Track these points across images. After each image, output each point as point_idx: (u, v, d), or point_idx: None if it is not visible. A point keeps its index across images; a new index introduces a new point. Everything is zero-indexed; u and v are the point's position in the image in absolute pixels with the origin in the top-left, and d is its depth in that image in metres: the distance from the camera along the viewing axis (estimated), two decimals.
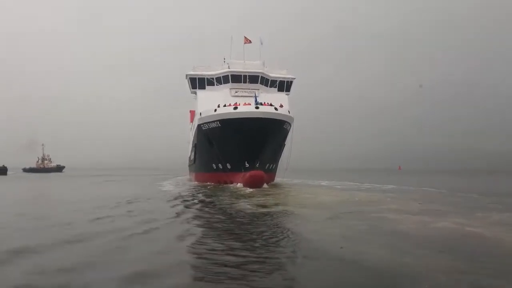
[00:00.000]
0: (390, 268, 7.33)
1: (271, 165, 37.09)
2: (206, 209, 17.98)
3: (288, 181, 43.93)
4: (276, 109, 32.00)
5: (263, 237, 10.59)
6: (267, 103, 33.53)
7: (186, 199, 22.93)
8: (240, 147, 31.62)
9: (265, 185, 30.88)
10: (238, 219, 14.12)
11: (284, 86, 41.50)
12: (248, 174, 30.58)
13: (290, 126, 35.78)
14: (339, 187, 35.12)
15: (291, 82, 42.07)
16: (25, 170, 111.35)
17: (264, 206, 18.03)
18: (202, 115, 35.22)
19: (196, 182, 41.55)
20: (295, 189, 30.79)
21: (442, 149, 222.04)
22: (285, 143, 38.41)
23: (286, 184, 37.32)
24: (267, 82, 40.18)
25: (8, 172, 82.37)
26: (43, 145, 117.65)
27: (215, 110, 33.31)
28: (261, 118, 30.45)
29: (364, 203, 19.69)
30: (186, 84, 41.98)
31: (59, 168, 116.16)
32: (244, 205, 18.25)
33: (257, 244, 9.63)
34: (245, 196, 23.84)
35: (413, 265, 7.53)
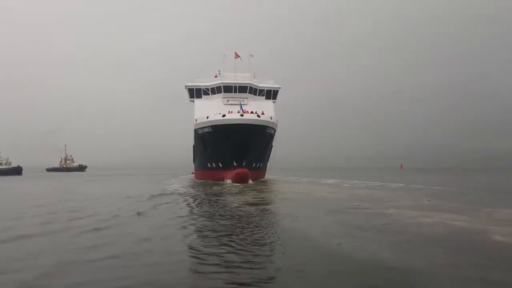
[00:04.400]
0: (389, 265, 7.05)
1: (258, 164, 41.10)
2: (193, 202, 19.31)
3: (288, 179, 46.26)
4: (258, 116, 36.35)
5: (251, 233, 10.35)
6: (250, 111, 37.74)
7: (176, 194, 24.54)
8: (228, 149, 35.99)
9: (250, 181, 34.65)
10: (223, 216, 13.84)
11: (271, 94, 46.06)
12: (234, 172, 34.77)
13: (274, 130, 40.12)
14: (346, 185, 34.32)
15: (277, 91, 46.61)
16: (48, 169, 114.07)
17: (252, 204, 17.89)
18: (198, 121, 39.85)
19: (196, 179, 46.05)
20: (284, 186, 32.28)
21: (441, 148, 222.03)
22: (272, 144, 43.02)
23: (277, 181, 40.07)
24: (255, 91, 44.68)
25: (32, 173, 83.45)
26: (65, 145, 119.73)
27: (207, 117, 37.79)
28: (245, 124, 34.84)
29: (372, 201, 19.04)
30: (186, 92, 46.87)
31: (81, 168, 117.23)
32: (229, 202, 18.58)
33: (246, 241, 9.29)
34: (220, 192, 25.16)
35: (419, 264, 7.13)
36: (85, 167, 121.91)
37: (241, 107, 37.14)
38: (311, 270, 7.04)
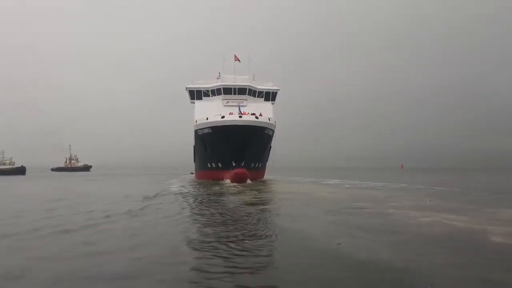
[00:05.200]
0: (390, 265, 6.92)
1: (257, 164, 40.84)
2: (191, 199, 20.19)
3: (288, 179, 45.82)
4: (256, 117, 36.23)
5: (248, 233, 10.08)
6: (249, 112, 37.59)
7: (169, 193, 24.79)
8: (227, 149, 35.81)
9: (248, 181, 34.43)
10: (219, 215, 13.87)
11: (269, 96, 45.94)
12: (233, 172, 34.53)
13: (273, 131, 39.85)
14: (347, 186, 33.29)
15: (276, 92, 46.49)
16: (53, 169, 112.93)
17: (250, 204, 17.64)
18: (198, 122, 39.75)
19: (196, 179, 45.77)
20: (283, 186, 31.99)
21: (441, 148, 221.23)
22: (271, 145, 42.76)
23: (277, 181, 39.62)
24: (254, 93, 44.62)
25: (37, 173, 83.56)
26: (70, 145, 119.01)
27: (207, 119, 37.64)
28: (243, 125, 34.70)
29: (373, 201, 18.64)
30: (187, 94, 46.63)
31: (86, 168, 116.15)
32: (228, 202, 18.43)
33: (243, 241, 9.03)
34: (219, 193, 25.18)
35: (419, 264, 6.99)
36: (90, 166, 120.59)
37: (239, 108, 36.95)
38: (310, 270, 6.86)
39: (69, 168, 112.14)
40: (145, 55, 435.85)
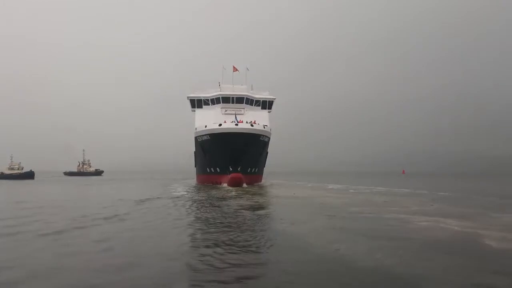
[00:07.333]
0: (389, 270, 6.90)
1: (253, 169, 42.72)
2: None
3: (286, 183, 47.15)
4: (252, 125, 38.14)
5: (242, 238, 10.03)
6: (245, 120, 39.62)
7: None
8: (225, 155, 37.77)
9: (244, 185, 36.22)
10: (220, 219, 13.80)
11: (266, 105, 48.04)
12: (229, 176, 36.51)
13: (268, 138, 41.81)
14: (352, 191, 32.87)
15: (272, 101, 48.55)
16: (65, 173, 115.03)
17: (245, 208, 17.61)
18: (197, 130, 41.94)
19: (197, 183, 47.64)
20: (280, 190, 32.87)
21: (441, 148, 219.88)
22: (268, 151, 44.69)
23: (275, 185, 41.09)
24: (251, 102, 46.70)
25: (50, 177, 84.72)
26: (83, 150, 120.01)
27: (206, 126, 39.68)
28: (239, 132, 36.62)
29: (373, 206, 18.55)
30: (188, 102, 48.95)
31: (98, 172, 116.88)
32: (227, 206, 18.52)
33: (236, 246, 8.98)
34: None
35: (418, 270, 6.96)
36: (102, 171, 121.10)
37: (235, 117, 38.93)
38: (308, 275, 6.83)
39: (81, 173, 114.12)
40: (145, 56, 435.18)
